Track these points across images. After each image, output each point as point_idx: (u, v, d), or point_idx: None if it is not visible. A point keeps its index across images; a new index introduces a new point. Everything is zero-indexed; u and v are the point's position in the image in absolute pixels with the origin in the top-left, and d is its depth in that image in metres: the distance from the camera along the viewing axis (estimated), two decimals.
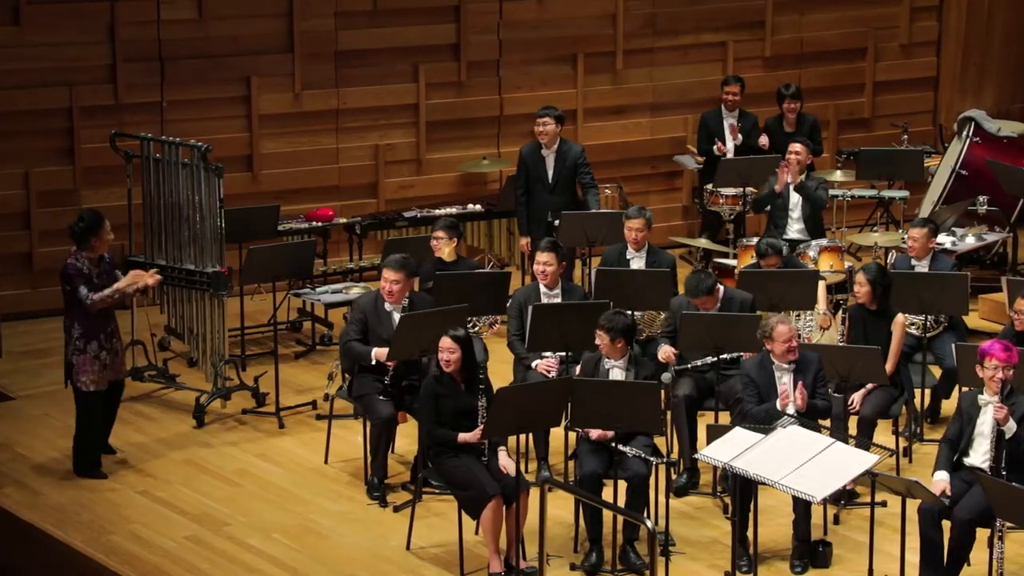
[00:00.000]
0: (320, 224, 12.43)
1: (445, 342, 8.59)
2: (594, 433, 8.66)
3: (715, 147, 12.93)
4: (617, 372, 8.89)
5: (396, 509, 9.39)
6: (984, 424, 8.31)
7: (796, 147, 12.00)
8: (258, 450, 10.22)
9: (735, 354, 9.46)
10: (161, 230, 10.93)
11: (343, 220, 12.62)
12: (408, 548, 8.93)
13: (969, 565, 8.29)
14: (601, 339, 8.85)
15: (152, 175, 10.91)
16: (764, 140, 13.04)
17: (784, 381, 8.82)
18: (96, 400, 9.64)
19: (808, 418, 8.74)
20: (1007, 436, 8.19)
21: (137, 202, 11.10)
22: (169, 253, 10.91)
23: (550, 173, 12.00)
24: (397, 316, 9.54)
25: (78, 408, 9.67)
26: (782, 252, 10.43)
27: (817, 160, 12.80)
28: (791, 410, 8.77)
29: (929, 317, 10.30)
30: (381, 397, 9.44)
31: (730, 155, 12.89)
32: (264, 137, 12.93)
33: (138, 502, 9.49)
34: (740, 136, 12.93)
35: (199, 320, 10.85)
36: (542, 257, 9.98)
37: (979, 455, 8.32)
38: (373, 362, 9.48)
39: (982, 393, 8.34)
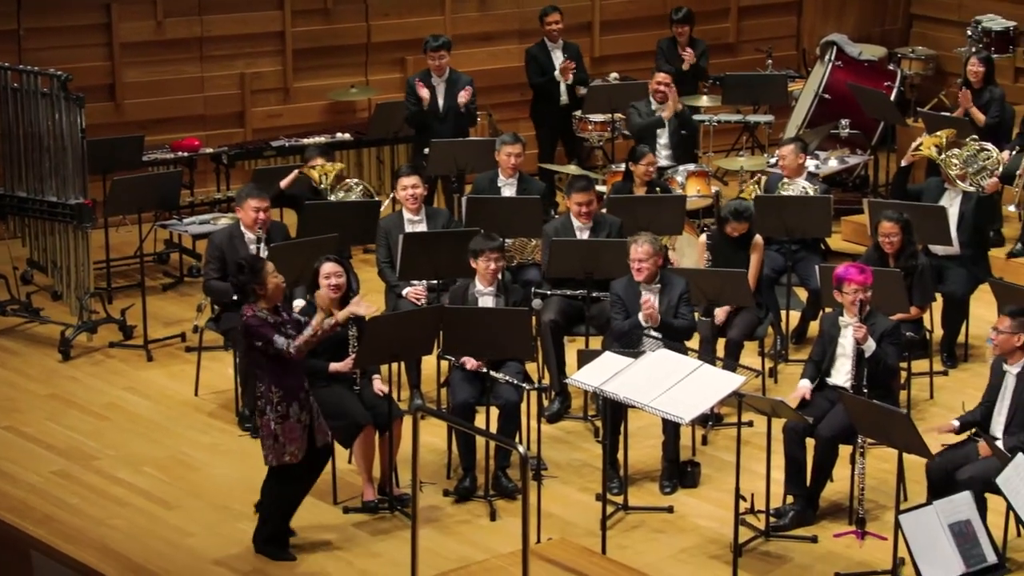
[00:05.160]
0: (186, 154, 12.28)
1: (331, 267, 8.47)
2: (470, 364, 8.70)
3: (556, 72, 12.84)
4: (487, 299, 8.92)
5: None
6: (845, 345, 8.50)
7: (662, 76, 12.08)
8: (126, 383, 10.12)
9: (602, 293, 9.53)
10: (21, 161, 10.70)
11: (209, 150, 12.48)
12: None
13: (832, 481, 8.50)
14: (490, 260, 8.81)
15: (10, 105, 10.66)
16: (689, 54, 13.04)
17: (646, 297, 8.91)
18: (298, 472, 7.99)
19: (667, 335, 8.85)
20: (867, 355, 8.38)
21: None
22: (30, 185, 10.69)
23: (440, 102, 11.95)
24: (254, 247, 9.48)
25: (273, 483, 8.04)
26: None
27: (684, 86, 12.86)
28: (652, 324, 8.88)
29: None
30: None
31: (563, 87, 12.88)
32: (126, 66, 12.70)
33: (3, 438, 9.35)
34: (572, 76, 12.90)
35: (63, 253, 10.69)
36: (408, 181, 9.95)
37: (841, 375, 8.51)
38: (235, 297, 9.41)
39: (842, 315, 8.52)
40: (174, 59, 12.87)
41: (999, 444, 7.85)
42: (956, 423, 8.12)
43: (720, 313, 9.58)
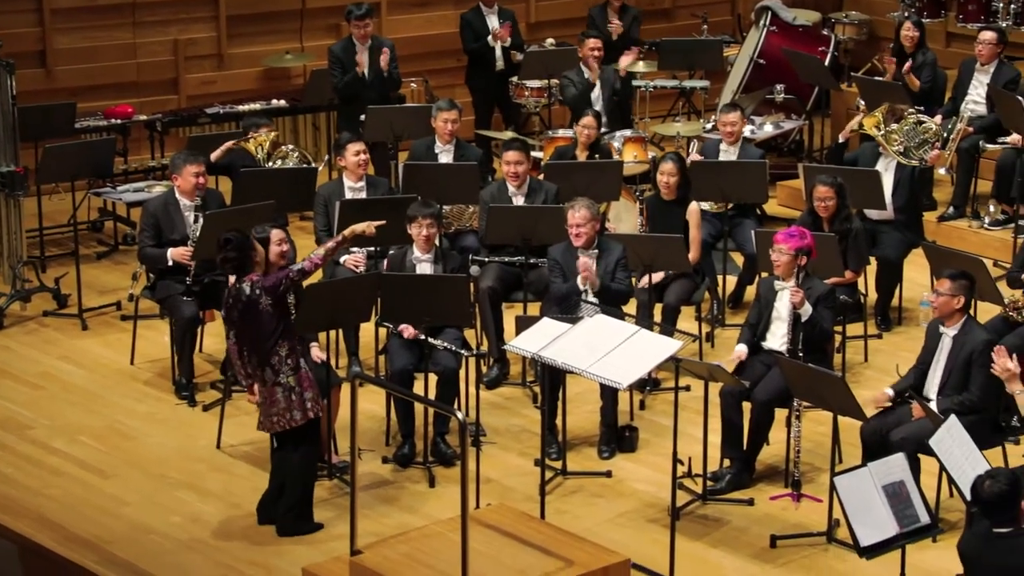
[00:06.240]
0: (119, 121, 12.17)
1: (281, 233, 8.44)
2: (408, 332, 8.69)
3: (489, 37, 12.83)
4: (425, 266, 8.91)
5: (205, 408, 9.33)
6: (781, 309, 8.55)
7: (592, 42, 12.09)
8: (61, 352, 10.04)
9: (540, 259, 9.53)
10: None
11: (143, 117, 12.37)
12: (218, 447, 8.90)
13: (768, 444, 8.57)
14: (423, 226, 8.80)
15: None
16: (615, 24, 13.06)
17: (583, 259, 8.92)
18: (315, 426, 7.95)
19: (604, 300, 8.88)
20: (803, 319, 8.45)
21: None
22: None
23: (366, 69, 11.92)
24: (189, 214, 9.44)
25: (308, 447, 7.91)
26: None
27: (615, 54, 12.86)
28: (591, 288, 8.90)
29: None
30: (184, 297, 9.34)
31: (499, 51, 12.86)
32: (57, 32, 12.54)
33: None
34: (510, 38, 12.89)
35: None
36: (358, 147, 9.92)
37: (777, 339, 8.57)
38: (171, 263, 9.38)
39: (779, 279, 8.57)
40: (106, 25, 12.73)
41: (932, 406, 7.95)
42: (890, 391, 8.20)
43: (652, 278, 9.54)
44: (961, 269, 8.22)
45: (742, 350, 8.60)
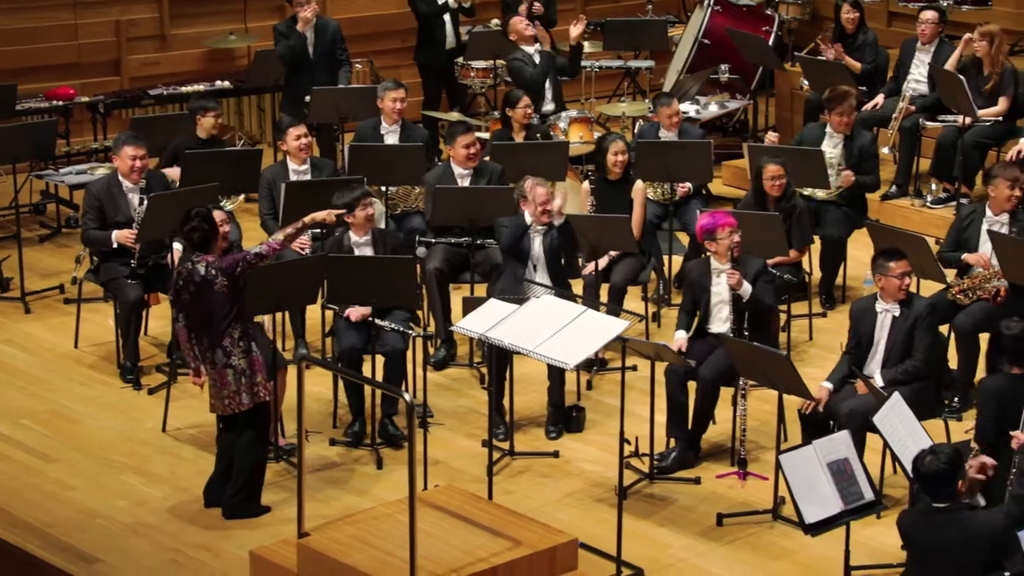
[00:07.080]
0: (61, 103, 12.06)
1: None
2: (354, 315, 8.67)
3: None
4: (366, 250, 8.88)
5: (151, 391, 9.28)
6: (721, 292, 8.56)
7: (519, 20, 12.09)
8: (4, 336, 9.96)
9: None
10: None
11: (85, 99, 12.27)
12: (164, 430, 8.86)
13: (714, 423, 8.62)
14: (367, 207, 8.78)
15: None
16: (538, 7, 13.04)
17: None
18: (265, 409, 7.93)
19: (563, 236, 8.93)
20: (744, 299, 8.49)
21: None
22: None
23: (311, 50, 11.84)
24: (133, 196, 9.38)
25: (257, 430, 7.89)
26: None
27: (562, 31, 12.85)
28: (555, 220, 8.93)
29: (666, 186, 10.54)
30: (129, 280, 9.29)
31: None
32: None
33: None
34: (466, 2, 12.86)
35: None
36: (299, 131, 9.88)
37: (721, 322, 8.59)
38: (115, 246, 9.32)
39: (713, 263, 8.58)
40: (46, 6, 12.61)
41: (877, 380, 8.02)
42: (828, 384, 8.23)
43: (602, 262, 9.61)
44: (893, 247, 8.30)
45: (682, 338, 8.63)
